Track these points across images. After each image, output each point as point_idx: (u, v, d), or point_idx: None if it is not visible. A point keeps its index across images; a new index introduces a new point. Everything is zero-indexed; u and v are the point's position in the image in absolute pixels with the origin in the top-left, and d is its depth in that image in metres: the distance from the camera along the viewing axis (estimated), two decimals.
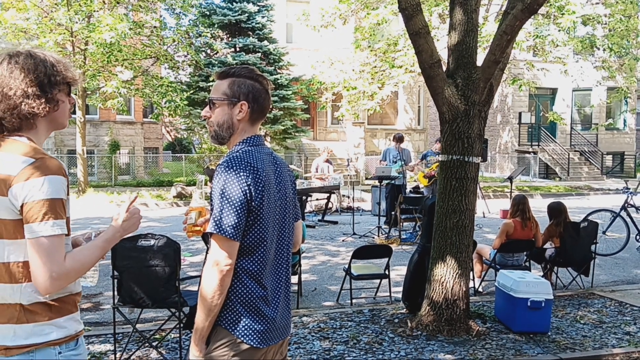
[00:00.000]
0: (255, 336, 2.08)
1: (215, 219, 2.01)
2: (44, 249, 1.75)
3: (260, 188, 2.06)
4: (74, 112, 16.82)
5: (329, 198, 13.32)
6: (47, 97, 1.86)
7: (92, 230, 2.08)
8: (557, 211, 6.87)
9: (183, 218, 2.32)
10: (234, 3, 21.20)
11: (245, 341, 2.07)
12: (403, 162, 11.57)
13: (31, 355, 1.81)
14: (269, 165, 2.16)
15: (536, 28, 15.43)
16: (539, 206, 13.49)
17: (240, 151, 2.13)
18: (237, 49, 21.26)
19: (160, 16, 19.42)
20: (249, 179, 2.04)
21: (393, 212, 10.59)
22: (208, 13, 21.45)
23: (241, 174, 2.03)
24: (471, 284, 6.05)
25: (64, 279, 1.80)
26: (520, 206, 6.64)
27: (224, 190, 2.02)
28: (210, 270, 2.02)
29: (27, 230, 1.76)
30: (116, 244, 4.00)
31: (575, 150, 25.82)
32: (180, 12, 19.25)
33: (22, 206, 1.76)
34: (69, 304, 1.91)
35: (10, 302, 1.82)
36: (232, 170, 2.04)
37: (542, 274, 6.94)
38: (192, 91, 19.63)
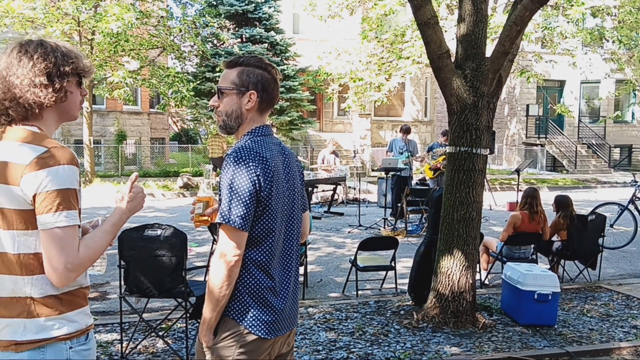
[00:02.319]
0: (262, 327, 2.07)
1: (224, 210, 2.00)
2: (58, 240, 1.72)
3: (269, 178, 2.04)
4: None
5: (335, 189, 13.30)
6: (54, 87, 1.83)
7: (98, 218, 2.06)
8: (563, 204, 6.83)
9: (190, 208, 2.30)
10: None
11: (252, 332, 2.06)
12: (409, 154, 11.54)
13: (41, 350, 1.78)
14: (277, 156, 2.15)
15: (545, 19, 15.30)
16: (545, 199, 13.43)
17: (249, 141, 2.11)
18: (244, 40, 21.20)
19: (167, 6, 19.37)
20: (258, 169, 2.02)
21: (399, 204, 10.57)
22: (215, 3, 21.38)
23: (250, 164, 2.01)
24: (477, 277, 6.03)
25: (80, 269, 1.78)
26: (529, 199, 6.60)
27: (232, 181, 2.00)
28: (219, 261, 2.00)
29: (40, 221, 1.73)
30: (122, 233, 4.01)
31: (582, 143, 25.66)
32: (186, 2, 19.21)
33: (34, 196, 1.72)
34: (79, 297, 1.89)
35: (21, 295, 1.78)
36: (240, 160, 2.02)
37: (549, 266, 6.92)
38: (198, 82, 19.62)
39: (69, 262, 1.73)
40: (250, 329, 2.06)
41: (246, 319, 2.06)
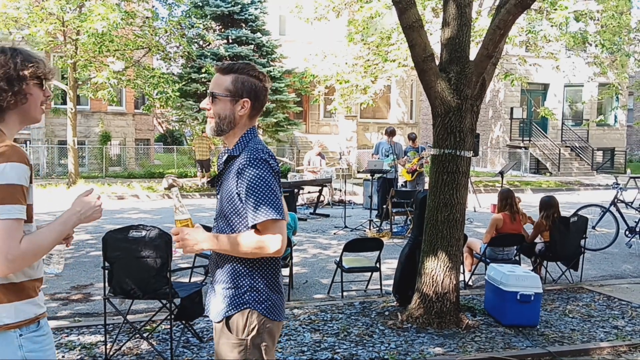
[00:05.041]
0: (277, 311, 2.27)
1: (264, 207, 2.11)
2: (0, 232, 1.81)
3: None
4: (65, 103, 16.68)
5: (320, 191, 13.33)
6: (14, 90, 1.94)
7: (52, 221, 2.11)
8: (547, 205, 6.91)
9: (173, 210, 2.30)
10: None
11: (270, 317, 2.23)
12: (395, 156, 11.60)
13: None
14: None
15: (529, 23, 15.45)
16: (529, 201, 13.55)
17: (259, 143, 2.27)
18: (230, 41, 21.15)
19: (153, 6, 19.25)
20: (276, 167, 2.22)
21: (384, 206, 10.62)
22: (201, 4, 21.30)
23: (271, 162, 2.19)
24: (461, 278, 6.08)
25: (20, 260, 1.86)
26: (508, 200, 6.69)
27: (266, 179, 2.14)
28: (259, 244, 2.12)
29: None
30: (107, 235, 4.00)
31: (566, 146, 25.93)
32: (172, 3, 19.10)
33: None
34: (29, 288, 1.97)
35: None
36: (266, 161, 2.17)
37: (531, 268, 6.99)
38: (184, 82, 19.53)
39: (9, 253, 1.82)
40: (269, 315, 2.23)
41: (264, 307, 2.22)
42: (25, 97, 1.98)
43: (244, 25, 21.34)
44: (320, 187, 13.27)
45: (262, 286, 2.22)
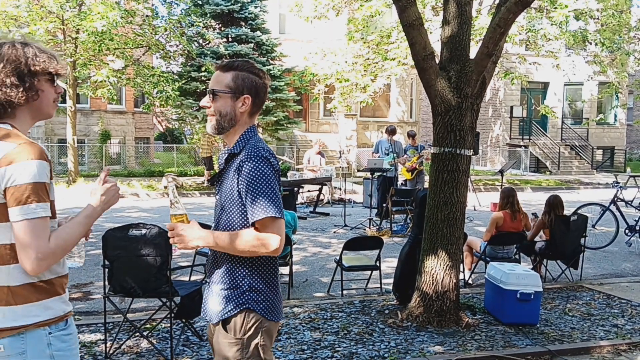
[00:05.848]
0: (274, 312, 2.27)
1: (265, 205, 2.11)
2: (28, 231, 1.80)
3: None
4: (64, 101, 16.67)
5: (320, 190, 13.32)
6: (25, 86, 1.91)
7: (75, 215, 2.10)
8: (550, 203, 6.91)
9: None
10: None
11: (268, 318, 2.24)
12: (395, 155, 11.60)
13: (22, 336, 1.86)
14: None
15: (529, 22, 15.45)
16: (529, 199, 13.55)
17: (259, 141, 2.26)
18: (230, 39, 21.13)
19: (152, 5, 19.22)
20: (277, 165, 2.22)
21: (384, 204, 10.62)
22: (200, 2, 21.26)
23: (272, 161, 2.19)
24: (461, 276, 6.08)
25: (51, 258, 1.85)
26: (509, 199, 6.69)
27: (267, 178, 2.14)
28: (258, 243, 2.12)
29: (11, 214, 1.81)
30: (107, 233, 4.01)
31: (566, 145, 25.93)
32: (172, 1, 19.10)
33: (5, 190, 1.81)
34: (56, 286, 1.96)
35: None
36: (267, 160, 2.17)
37: (531, 266, 6.99)
38: (183, 81, 19.49)
39: (39, 252, 1.81)
40: (267, 315, 2.24)
41: (263, 307, 2.23)
42: (36, 93, 1.94)
43: (243, 24, 21.30)
44: (320, 186, 13.26)
45: (261, 286, 2.22)
